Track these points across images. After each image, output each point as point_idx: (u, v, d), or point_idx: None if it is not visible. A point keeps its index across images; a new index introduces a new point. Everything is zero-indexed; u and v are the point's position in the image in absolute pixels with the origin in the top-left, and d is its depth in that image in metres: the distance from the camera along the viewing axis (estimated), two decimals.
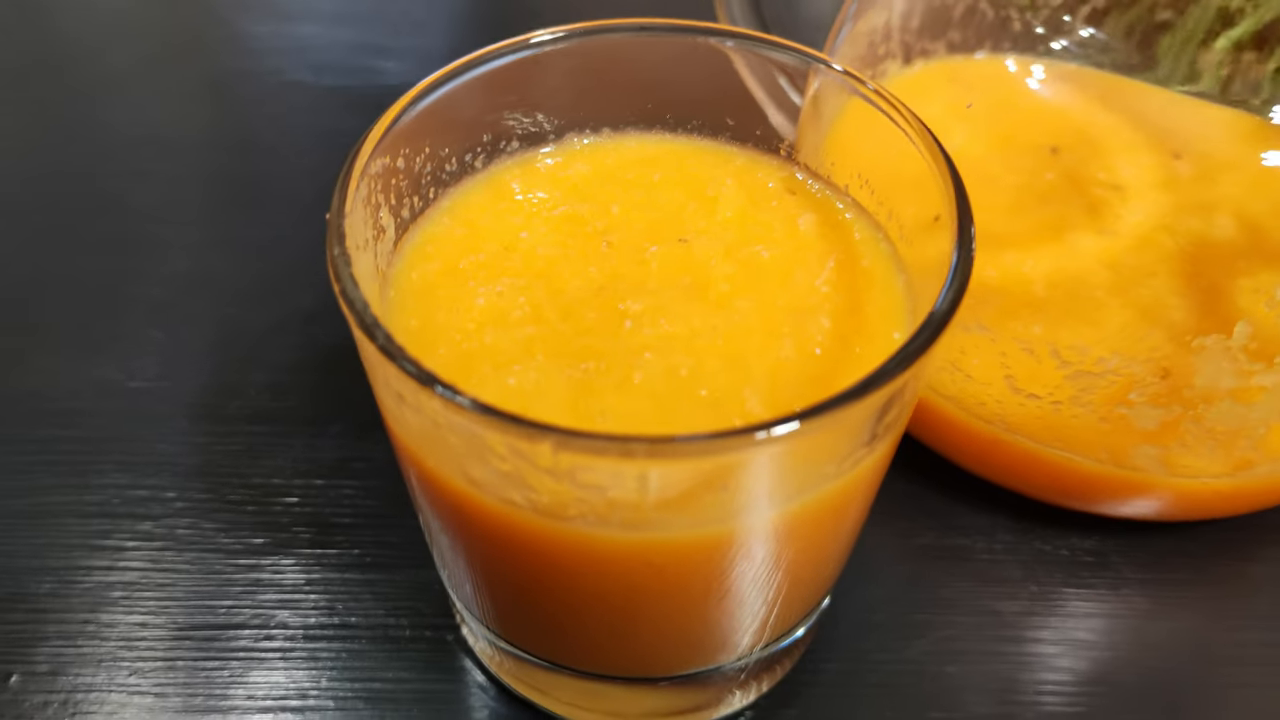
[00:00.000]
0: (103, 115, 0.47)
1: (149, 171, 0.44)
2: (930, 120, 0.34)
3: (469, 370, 0.22)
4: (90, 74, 0.50)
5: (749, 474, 0.20)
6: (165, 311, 0.38)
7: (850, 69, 0.24)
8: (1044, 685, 0.29)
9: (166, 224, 0.42)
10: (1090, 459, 0.29)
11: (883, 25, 0.38)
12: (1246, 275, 0.27)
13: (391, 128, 0.23)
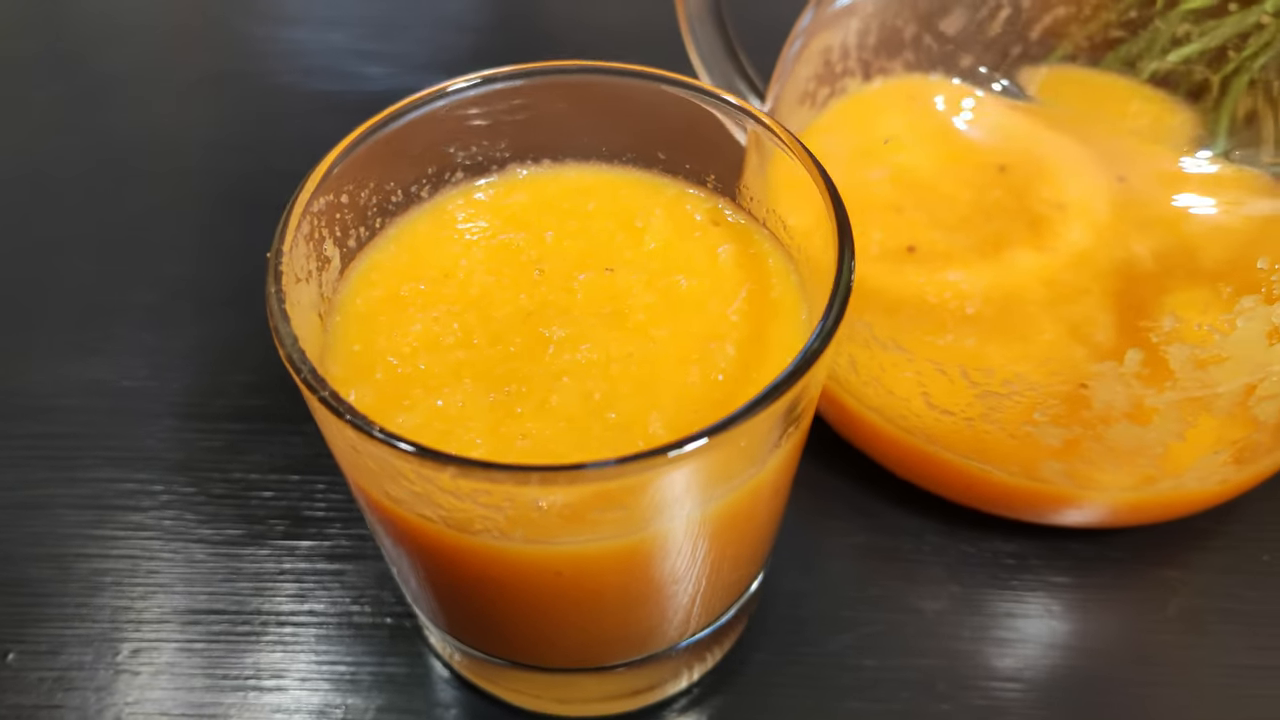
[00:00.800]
0: (96, 116, 0.50)
1: (142, 173, 0.47)
2: (889, 138, 0.35)
3: (403, 392, 0.25)
4: (85, 74, 0.52)
5: (639, 496, 0.22)
6: (155, 314, 0.41)
7: (750, 106, 0.26)
8: (960, 681, 0.31)
9: (158, 227, 0.44)
10: (1004, 471, 0.31)
11: (840, 43, 0.39)
12: (1169, 296, 0.28)
13: (332, 169, 0.25)
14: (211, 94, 0.51)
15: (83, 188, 0.46)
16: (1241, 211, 0.27)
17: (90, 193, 0.46)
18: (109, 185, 0.46)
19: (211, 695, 0.31)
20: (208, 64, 0.53)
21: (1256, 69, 0.37)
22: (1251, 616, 0.33)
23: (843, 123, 0.38)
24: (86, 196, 0.46)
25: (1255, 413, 0.28)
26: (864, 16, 0.39)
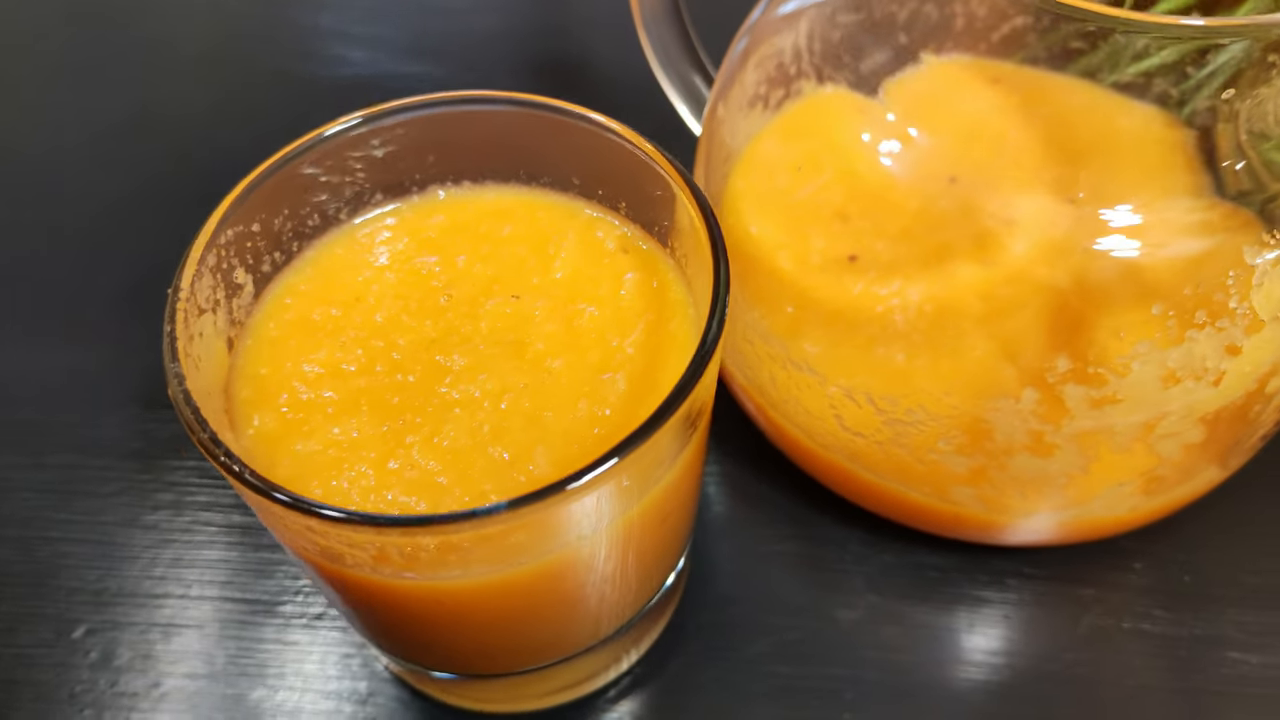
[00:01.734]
0: (62, 98, 0.51)
1: (110, 158, 0.48)
2: (838, 144, 0.35)
3: (304, 419, 0.26)
4: (62, 58, 0.53)
5: (508, 539, 0.23)
6: (121, 301, 0.42)
7: (639, 140, 0.26)
8: (866, 691, 0.32)
9: (126, 212, 0.46)
10: (918, 492, 0.32)
11: (791, 46, 0.39)
12: (1070, 336, 0.29)
13: (239, 202, 0.26)
14: (191, 75, 0.52)
15: (47, 172, 0.48)
16: (1146, 254, 0.27)
17: (56, 177, 0.47)
18: (75, 170, 0.48)
19: (158, 677, 0.33)
20: (192, 44, 0.54)
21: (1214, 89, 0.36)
22: (1162, 638, 0.33)
23: (796, 127, 0.38)
24: (52, 181, 0.47)
25: (1157, 449, 0.29)
26: (813, 18, 0.38)
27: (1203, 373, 0.27)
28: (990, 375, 0.28)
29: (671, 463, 0.25)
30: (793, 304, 0.32)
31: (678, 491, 0.27)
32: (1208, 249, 0.26)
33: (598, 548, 0.25)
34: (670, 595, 0.33)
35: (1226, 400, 0.28)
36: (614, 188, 0.29)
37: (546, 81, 0.51)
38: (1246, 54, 0.30)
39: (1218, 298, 0.26)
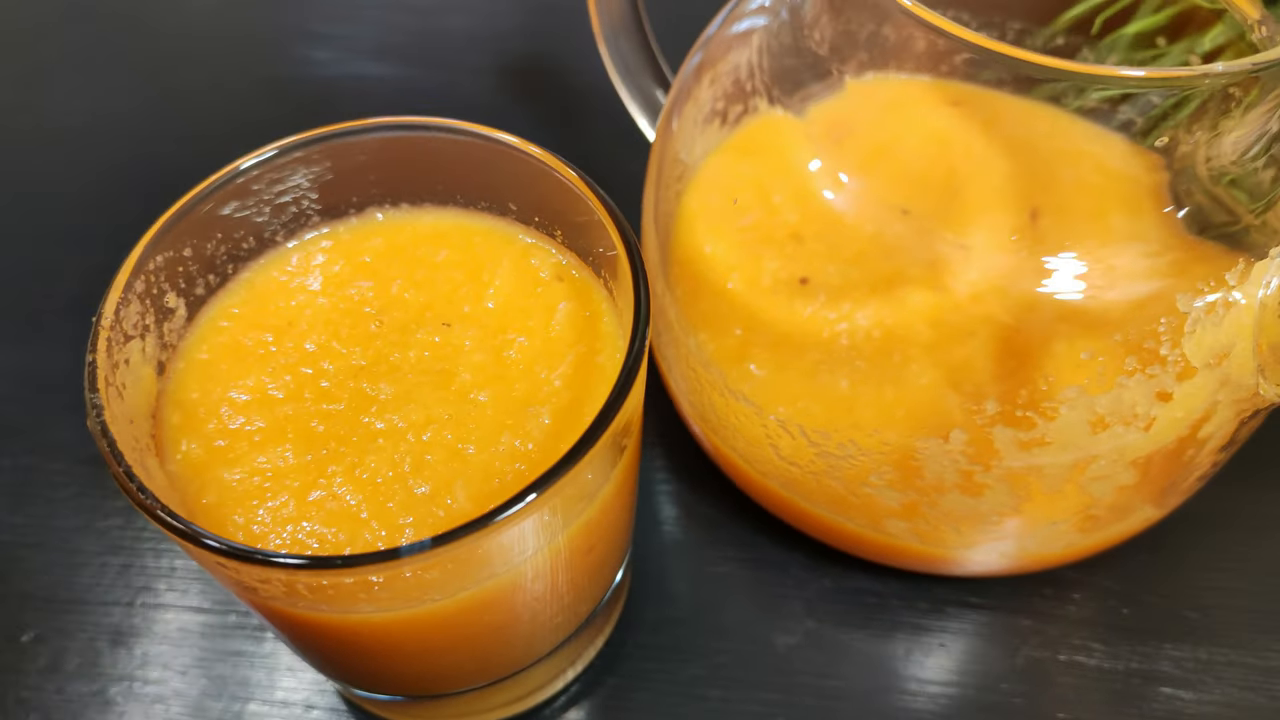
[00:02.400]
0: (28, 101, 0.51)
1: (72, 160, 0.48)
2: (793, 165, 0.35)
3: (231, 446, 0.26)
4: (22, 57, 0.53)
5: (421, 578, 0.23)
6: (79, 304, 0.42)
7: (565, 169, 0.26)
8: (798, 715, 0.33)
9: (86, 216, 0.46)
10: (853, 523, 0.32)
11: (746, 62, 0.39)
12: (1001, 378, 0.28)
13: (168, 227, 0.26)
14: (153, 75, 0.52)
15: (14, 178, 0.48)
16: (1079, 299, 0.27)
17: (10, 179, 0.48)
18: (31, 171, 0.48)
19: (105, 684, 0.34)
20: (154, 42, 0.54)
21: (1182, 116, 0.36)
22: (1098, 672, 0.33)
23: (750, 146, 0.38)
24: (4, 183, 0.47)
25: (1089, 490, 0.29)
26: (764, 37, 0.38)
27: (1133, 418, 0.27)
28: (921, 413, 0.28)
29: (594, 495, 0.25)
30: (741, 326, 0.32)
31: (604, 520, 0.27)
32: (1141, 295, 0.26)
33: (520, 580, 0.25)
34: (606, 616, 0.33)
35: (1158, 445, 0.28)
36: (549, 215, 0.29)
37: (514, 83, 0.51)
38: (1210, 85, 0.29)
39: (1148, 345, 0.26)
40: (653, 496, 0.38)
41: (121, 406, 0.24)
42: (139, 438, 0.25)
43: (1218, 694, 0.33)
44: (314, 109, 0.49)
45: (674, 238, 0.36)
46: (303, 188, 0.29)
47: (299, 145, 0.28)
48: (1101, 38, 0.40)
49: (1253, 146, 0.27)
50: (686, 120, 0.38)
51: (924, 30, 0.24)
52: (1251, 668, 0.33)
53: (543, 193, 0.28)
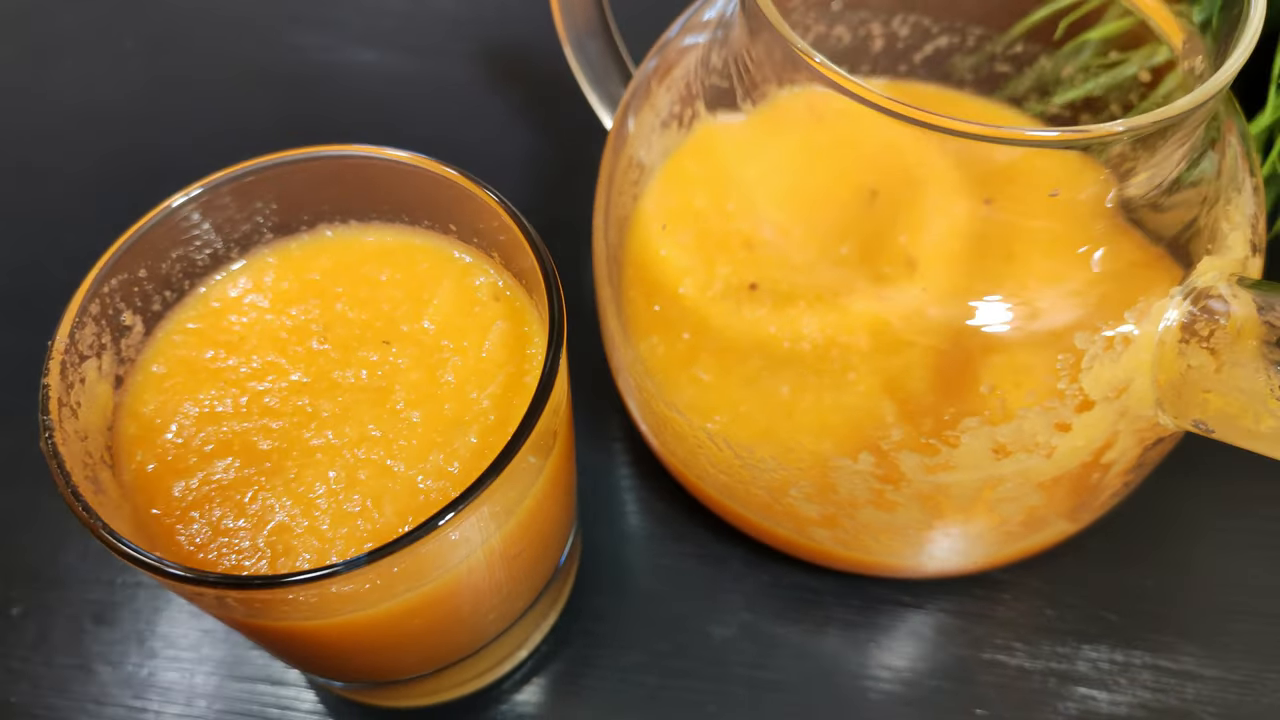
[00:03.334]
0: (25, 85, 0.52)
1: (72, 145, 0.50)
2: (763, 161, 0.36)
3: (182, 459, 0.28)
4: (23, 42, 0.54)
5: (341, 594, 0.25)
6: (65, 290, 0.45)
7: (485, 194, 0.28)
8: (728, 704, 0.35)
9: (88, 199, 0.48)
10: (781, 528, 0.33)
11: (694, 71, 0.40)
12: (905, 404, 0.29)
13: (123, 250, 0.28)
14: (136, 61, 0.53)
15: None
16: (982, 333, 0.28)
17: (7, 162, 0.49)
18: (27, 155, 0.49)
19: (84, 657, 0.36)
20: (140, 26, 0.55)
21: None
22: (1018, 671, 0.35)
23: (704, 150, 0.38)
24: (5, 166, 0.49)
25: (998, 509, 0.30)
26: (718, 44, 0.39)
27: (1034, 446, 0.28)
28: (833, 434, 0.29)
29: (514, 510, 0.27)
30: (690, 331, 0.34)
31: (529, 528, 0.29)
32: (1041, 331, 0.27)
33: (446, 588, 0.27)
34: (551, 603, 0.35)
35: (1061, 470, 0.29)
36: (484, 236, 0.30)
37: (499, 70, 0.52)
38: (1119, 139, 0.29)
39: (1046, 380, 0.27)
40: (615, 490, 0.39)
41: (75, 424, 0.26)
42: (92, 452, 0.27)
43: (1130, 695, 0.35)
44: (299, 97, 0.51)
45: (629, 241, 0.37)
46: (255, 208, 0.30)
47: (251, 171, 0.29)
48: (1063, 44, 0.40)
49: (1161, 183, 0.28)
50: (644, 123, 0.39)
51: (835, 89, 0.25)
52: (1165, 670, 0.35)
53: (472, 214, 0.29)
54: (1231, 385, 0.26)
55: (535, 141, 0.49)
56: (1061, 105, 0.41)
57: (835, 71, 0.25)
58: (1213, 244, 0.28)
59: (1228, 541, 0.37)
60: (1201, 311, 0.27)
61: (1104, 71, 0.39)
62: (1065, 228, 0.27)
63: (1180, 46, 0.31)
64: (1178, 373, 0.27)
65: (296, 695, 0.35)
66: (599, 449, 0.41)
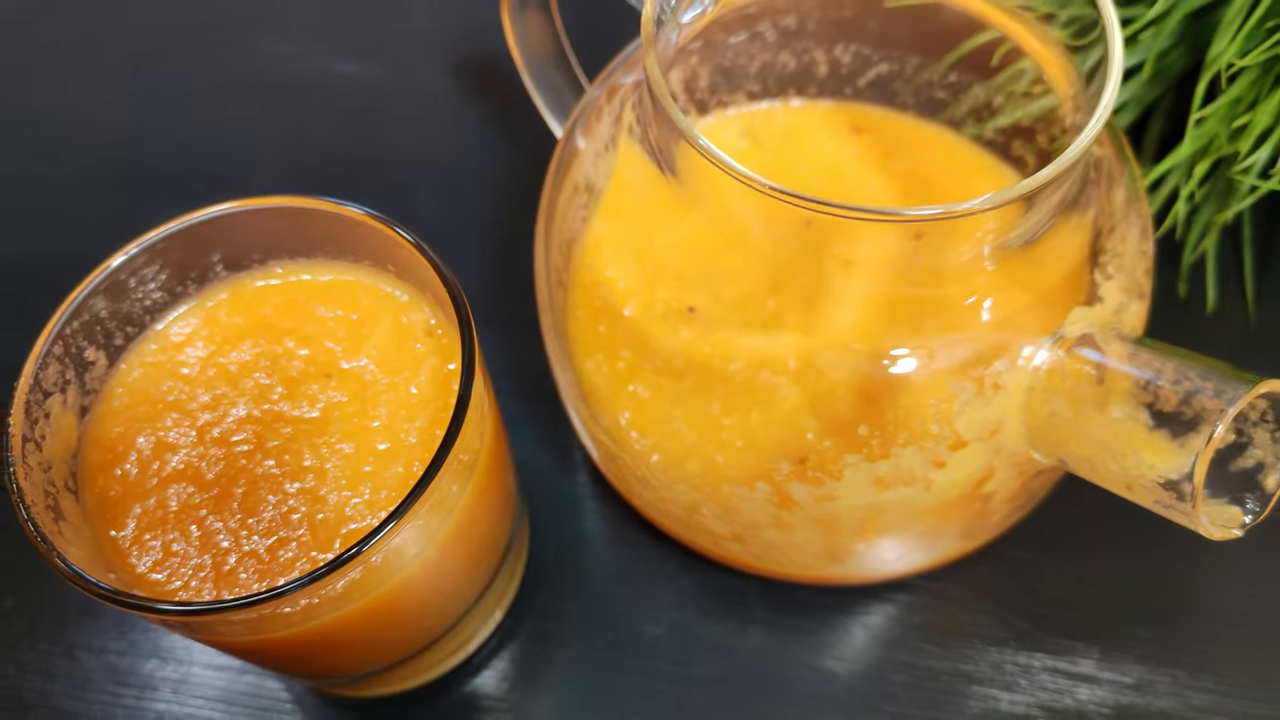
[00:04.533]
0: (7, 93, 0.55)
1: (54, 152, 0.52)
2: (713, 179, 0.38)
3: (140, 485, 0.31)
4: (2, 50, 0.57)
5: (275, 617, 0.28)
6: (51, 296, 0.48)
7: (401, 237, 0.30)
8: (655, 699, 0.38)
9: (72, 206, 0.50)
10: (701, 539, 0.36)
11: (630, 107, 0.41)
12: (804, 435, 0.31)
13: (85, 294, 0.30)
14: (123, 69, 0.56)
15: None
16: (863, 375, 0.30)
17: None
18: (10, 164, 0.52)
19: (67, 645, 0.40)
20: (112, 31, 0.57)
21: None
22: (926, 671, 0.38)
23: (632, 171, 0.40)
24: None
25: (888, 533, 0.33)
26: (686, 63, 0.41)
27: (912, 480, 0.30)
28: (733, 462, 0.32)
29: (437, 534, 0.30)
30: (631, 351, 0.36)
31: (453, 550, 0.32)
32: (914, 379, 0.29)
33: (373, 606, 0.30)
34: (495, 603, 0.38)
35: (941, 500, 0.31)
36: (416, 275, 0.33)
37: (476, 81, 0.54)
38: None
39: (918, 423, 0.29)
40: (570, 495, 0.42)
41: (39, 456, 0.29)
42: (55, 481, 0.30)
43: (1029, 695, 0.37)
44: (276, 106, 0.53)
45: (582, 261, 0.39)
46: (208, 249, 0.33)
47: (204, 219, 0.32)
48: (997, 73, 0.42)
49: (1034, 236, 0.29)
50: (589, 150, 0.41)
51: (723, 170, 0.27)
52: (1063, 673, 0.37)
53: (405, 257, 0.32)
54: (1085, 432, 0.28)
55: (509, 152, 0.52)
56: (995, 131, 0.43)
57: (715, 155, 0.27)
58: (1087, 295, 0.30)
59: (1133, 554, 0.40)
60: (1067, 360, 0.29)
61: (1031, 101, 0.41)
62: (939, 283, 0.29)
63: (1066, 96, 0.33)
64: (1042, 417, 0.29)
65: (264, 680, 0.39)
66: (558, 455, 0.43)
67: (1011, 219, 0.29)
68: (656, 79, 0.28)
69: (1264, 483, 0.27)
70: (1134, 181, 0.34)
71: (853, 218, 0.26)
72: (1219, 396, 0.26)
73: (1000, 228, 0.29)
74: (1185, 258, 0.44)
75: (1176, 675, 0.37)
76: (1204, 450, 0.25)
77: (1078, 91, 0.32)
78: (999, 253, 0.29)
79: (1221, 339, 0.44)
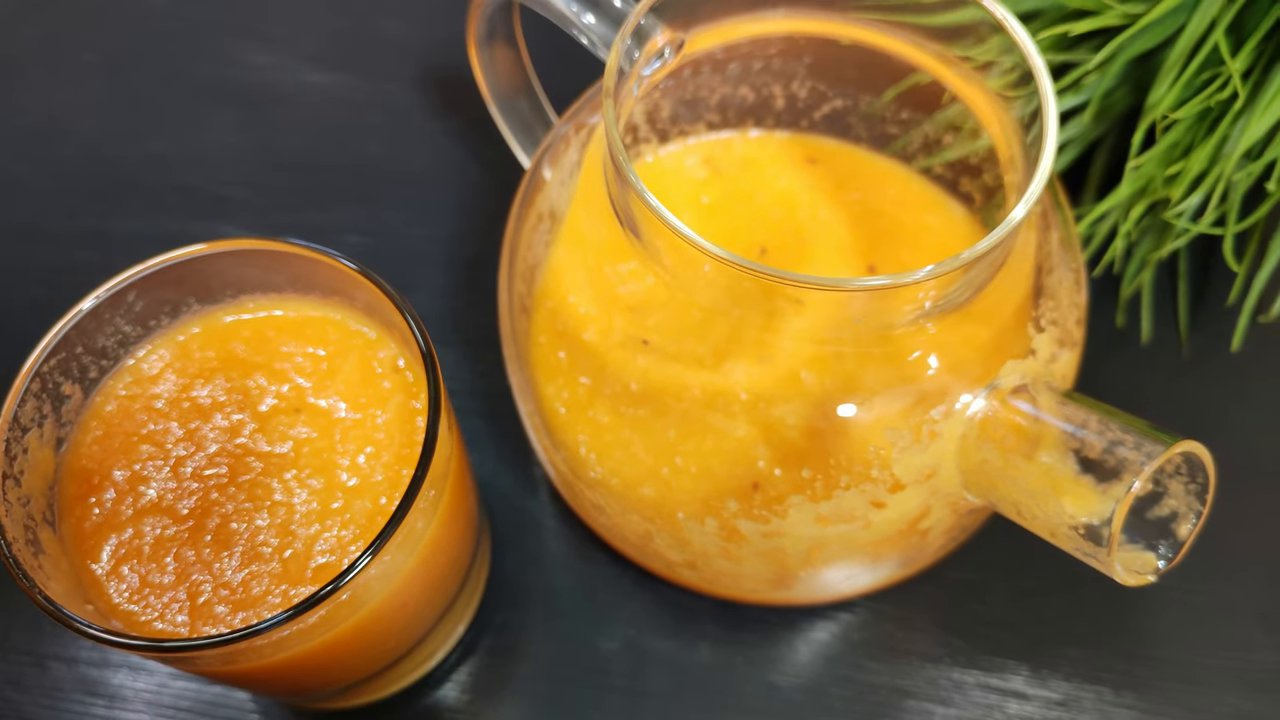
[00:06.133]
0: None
1: (34, 159, 0.53)
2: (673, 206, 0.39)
3: (118, 515, 0.32)
4: None
5: (246, 652, 0.29)
6: (41, 305, 0.48)
7: (366, 280, 0.32)
8: (608, 712, 0.40)
9: (48, 211, 0.51)
10: (655, 563, 0.38)
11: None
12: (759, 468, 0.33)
13: (61, 332, 0.31)
14: (97, 74, 0.56)
15: None
16: (803, 420, 0.32)
17: None
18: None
19: (38, 655, 0.41)
20: (87, 38, 0.57)
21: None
22: (865, 685, 0.40)
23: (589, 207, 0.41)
24: None
25: (830, 562, 0.34)
26: (649, 97, 0.42)
27: (852, 519, 0.32)
28: (686, 489, 0.33)
29: (403, 565, 0.31)
30: (590, 376, 0.38)
31: (420, 575, 0.33)
32: (857, 425, 0.31)
33: (341, 637, 0.31)
34: (455, 622, 0.40)
35: (880, 536, 0.33)
36: (382, 314, 0.34)
37: (450, 95, 0.55)
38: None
39: (858, 468, 0.31)
40: (530, 514, 0.43)
41: (18, 491, 0.30)
42: (34, 514, 0.31)
43: (963, 710, 0.39)
44: (248, 116, 0.54)
45: (544, 287, 0.40)
46: (182, 287, 0.34)
47: (178, 259, 0.33)
48: (943, 110, 0.43)
49: (971, 294, 0.31)
50: (555, 179, 0.42)
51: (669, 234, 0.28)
52: (994, 689, 0.40)
53: (370, 296, 0.33)
54: (1012, 479, 0.30)
55: (478, 169, 0.53)
56: (944, 165, 0.44)
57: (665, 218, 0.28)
58: (1019, 348, 0.32)
59: (1066, 577, 0.42)
60: (1000, 410, 0.31)
61: (976, 140, 0.43)
62: (876, 342, 0.31)
63: (1001, 146, 0.34)
64: (975, 463, 0.31)
65: (232, 693, 0.40)
66: (520, 473, 0.45)
67: (951, 280, 0.30)
68: (615, 141, 0.30)
69: (1176, 530, 0.29)
70: (1067, 227, 0.36)
71: (799, 286, 0.27)
72: (1138, 449, 0.28)
73: (939, 286, 0.30)
74: (1123, 290, 0.46)
75: (1101, 692, 0.39)
76: (1123, 499, 0.27)
77: (1012, 136, 0.33)
78: (938, 310, 0.31)
79: (1156, 367, 0.46)
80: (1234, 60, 0.40)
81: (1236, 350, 0.45)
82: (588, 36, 0.35)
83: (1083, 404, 0.30)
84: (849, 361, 0.31)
